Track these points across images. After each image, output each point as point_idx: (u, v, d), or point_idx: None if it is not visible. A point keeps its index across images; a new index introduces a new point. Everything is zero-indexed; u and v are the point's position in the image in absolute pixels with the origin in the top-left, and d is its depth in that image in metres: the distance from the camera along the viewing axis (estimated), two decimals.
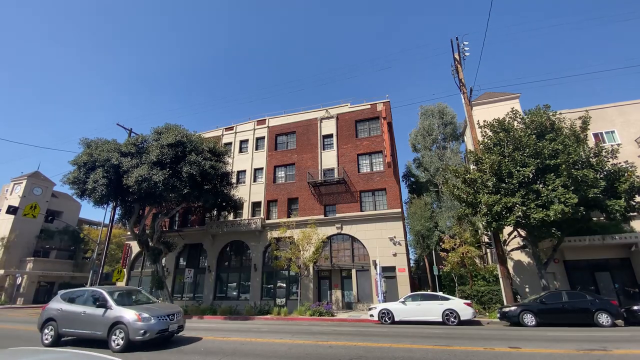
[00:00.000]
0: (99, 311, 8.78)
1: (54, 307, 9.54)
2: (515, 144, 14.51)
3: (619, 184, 13.67)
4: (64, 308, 9.30)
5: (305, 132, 26.67)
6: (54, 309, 9.44)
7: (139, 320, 8.28)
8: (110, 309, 8.70)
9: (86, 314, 8.90)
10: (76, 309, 9.13)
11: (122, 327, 8.29)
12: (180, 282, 25.50)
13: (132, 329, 8.15)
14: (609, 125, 20.19)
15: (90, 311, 8.89)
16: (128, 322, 8.25)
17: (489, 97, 23.56)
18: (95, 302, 9.08)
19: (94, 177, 18.43)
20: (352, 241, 22.07)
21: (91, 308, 8.97)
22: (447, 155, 30.69)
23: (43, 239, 38.13)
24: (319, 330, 12.43)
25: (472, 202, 14.90)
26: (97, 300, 9.14)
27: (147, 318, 8.41)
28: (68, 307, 9.30)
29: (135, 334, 8.12)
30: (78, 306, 9.22)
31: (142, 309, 8.86)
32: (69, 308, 9.26)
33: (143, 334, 8.17)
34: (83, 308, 9.07)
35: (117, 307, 8.76)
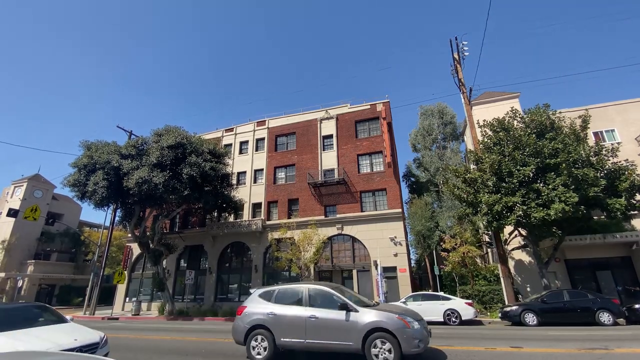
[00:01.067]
0: (340, 314, 6.51)
1: (261, 310, 7.21)
2: (515, 143, 14.51)
3: (620, 182, 13.66)
4: (278, 311, 7.01)
5: (305, 132, 26.69)
6: (262, 313, 7.13)
7: (408, 327, 6.10)
8: (356, 312, 6.47)
9: (319, 318, 6.61)
10: (299, 312, 6.84)
11: (385, 335, 6.08)
12: (181, 284, 25.49)
13: (404, 339, 5.96)
14: (609, 123, 20.18)
15: (324, 314, 6.64)
16: (397, 329, 6.06)
17: (489, 96, 23.57)
18: (330, 303, 6.82)
19: (95, 179, 18.45)
20: (353, 242, 22.06)
21: (324, 310, 6.71)
22: (447, 155, 30.71)
23: (44, 242, 38.13)
24: None
25: (472, 201, 14.89)
26: (329, 300, 6.88)
27: (414, 323, 6.24)
28: (283, 309, 7.04)
29: (410, 345, 5.95)
30: (298, 308, 6.94)
31: (395, 311, 6.61)
32: (286, 311, 6.99)
33: (417, 345, 6.03)
34: (310, 311, 6.77)
35: (362, 308, 6.57)
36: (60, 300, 35.85)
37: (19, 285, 32.73)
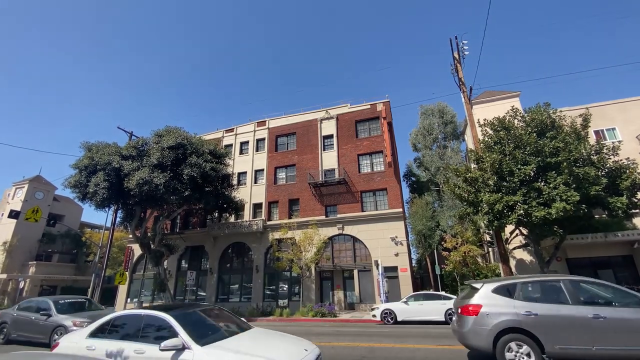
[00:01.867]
0: None
1: (509, 310, 5.94)
2: (515, 142, 14.47)
3: (621, 181, 13.61)
4: (539, 311, 5.74)
5: (305, 133, 26.70)
6: (513, 313, 5.89)
7: None
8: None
9: (608, 319, 5.46)
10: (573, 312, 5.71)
11: None
12: (182, 285, 25.53)
13: None
14: (610, 122, 20.14)
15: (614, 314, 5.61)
16: None
17: (489, 95, 23.53)
18: None
19: (95, 180, 18.47)
20: (354, 241, 22.05)
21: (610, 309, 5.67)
22: (448, 154, 30.68)
23: (45, 243, 38.20)
24: (321, 331, 12.42)
25: (473, 201, 14.85)
26: None
27: None
28: (544, 308, 5.81)
29: None
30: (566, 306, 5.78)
31: None
32: (551, 311, 5.78)
33: None
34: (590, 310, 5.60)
35: None
36: None
37: (21, 287, 32.77)
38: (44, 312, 10.33)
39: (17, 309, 11.29)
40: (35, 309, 10.75)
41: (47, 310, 10.35)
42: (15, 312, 11.18)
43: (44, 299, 11.24)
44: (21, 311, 11.00)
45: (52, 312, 10.24)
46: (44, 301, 11.02)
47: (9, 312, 11.40)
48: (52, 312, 10.24)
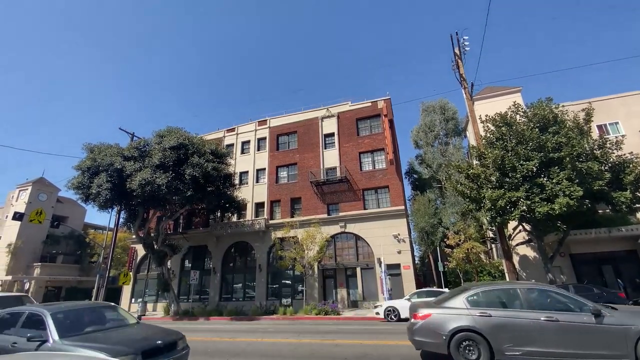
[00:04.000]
0: None
1: None
2: (518, 138, 14.40)
3: (624, 175, 13.53)
4: None
5: (306, 131, 26.67)
6: None
7: None
8: None
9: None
10: None
11: None
12: (186, 284, 25.62)
13: None
14: (613, 116, 20.01)
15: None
16: None
17: (491, 91, 23.42)
18: None
19: (98, 181, 18.56)
20: (356, 239, 22.05)
21: None
22: (450, 151, 30.58)
23: (49, 244, 38.44)
24: (325, 329, 12.45)
25: (475, 197, 14.81)
26: None
27: None
28: None
29: None
30: None
31: None
32: None
33: None
34: None
35: None
36: None
37: (26, 288, 33.03)
38: None
39: None
40: None
41: None
42: None
43: None
44: None
45: None
46: None
47: None
48: None
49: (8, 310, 6.37)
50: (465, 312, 6.11)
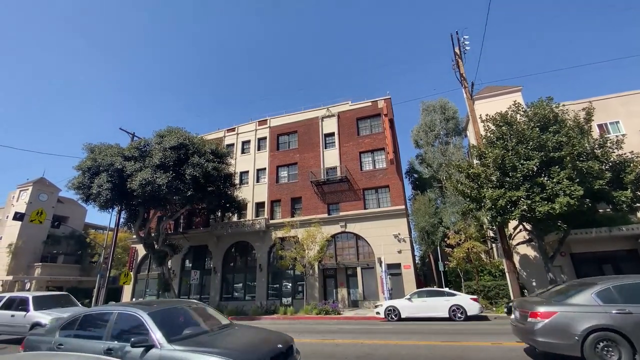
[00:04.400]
0: None
1: None
2: (518, 137, 14.39)
3: (625, 174, 13.51)
4: None
5: (306, 131, 26.67)
6: None
7: None
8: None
9: None
10: None
11: None
12: (186, 284, 25.65)
13: None
14: (613, 115, 19.97)
15: None
16: None
17: (491, 90, 23.39)
18: None
19: (98, 181, 18.57)
20: (357, 239, 22.05)
21: None
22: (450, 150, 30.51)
23: (50, 245, 38.49)
24: (325, 329, 12.46)
25: (476, 197, 14.81)
26: None
27: None
28: None
29: None
30: None
31: None
32: None
33: None
34: None
35: None
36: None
37: (27, 288, 33.09)
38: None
39: None
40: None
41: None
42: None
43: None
44: None
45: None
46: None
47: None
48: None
49: (90, 311, 5.57)
50: (598, 310, 5.59)
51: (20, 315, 10.04)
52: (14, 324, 9.96)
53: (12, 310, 10.28)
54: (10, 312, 10.23)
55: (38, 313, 9.79)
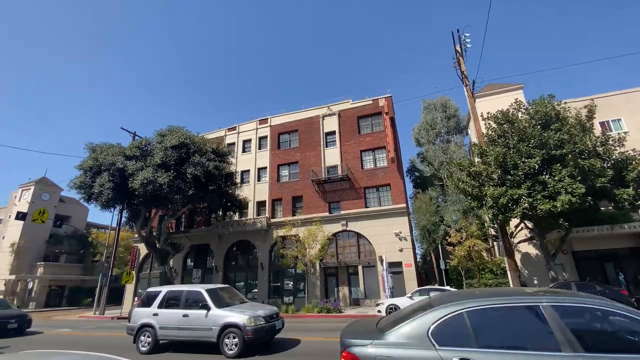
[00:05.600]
0: None
1: None
2: (520, 135, 14.34)
3: (627, 172, 13.47)
4: None
5: (307, 130, 26.65)
6: None
7: None
8: None
9: None
10: None
11: None
12: (188, 283, 25.72)
13: None
14: (616, 113, 19.88)
15: None
16: None
17: (492, 88, 23.30)
18: None
19: (100, 181, 18.61)
20: (358, 238, 22.05)
21: None
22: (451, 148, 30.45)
23: (52, 244, 38.64)
24: (327, 327, 12.47)
25: (477, 195, 14.78)
26: None
27: None
28: None
29: None
30: None
31: None
32: None
33: None
34: None
35: None
36: (70, 301, 36.38)
37: (30, 287, 33.26)
38: None
39: None
40: None
41: None
42: None
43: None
44: None
45: None
46: None
47: None
48: None
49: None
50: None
51: (199, 315, 8.17)
52: (193, 326, 8.15)
53: (180, 308, 8.51)
54: (179, 310, 8.46)
55: (225, 311, 8.12)
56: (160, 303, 8.86)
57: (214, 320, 7.91)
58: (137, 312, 9.06)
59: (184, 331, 8.23)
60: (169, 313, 8.56)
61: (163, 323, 8.47)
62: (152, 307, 8.85)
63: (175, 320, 8.36)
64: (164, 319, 8.52)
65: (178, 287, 9.45)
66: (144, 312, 8.90)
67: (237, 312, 8.00)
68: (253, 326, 7.63)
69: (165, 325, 8.43)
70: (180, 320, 8.27)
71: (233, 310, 8.21)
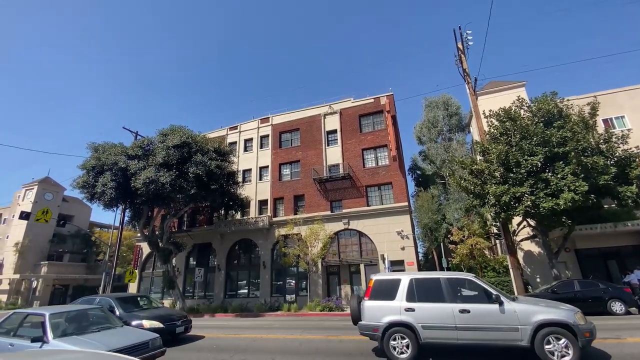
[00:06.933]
0: None
1: None
2: (522, 132, 14.28)
3: (630, 170, 13.40)
4: None
5: (309, 128, 26.64)
6: None
7: None
8: None
9: None
10: None
11: None
12: (191, 282, 25.83)
13: None
14: (619, 110, 19.75)
15: None
16: None
17: (494, 86, 23.21)
18: None
19: (103, 180, 18.69)
20: (360, 236, 22.06)
21: None
22: (453, 146, 30.39)
23: (56, 243, 38.85)
24: (329, 325, 12.51)
25: (479, 193, 14.75)
26: None
27: None
28: None
29: None
30: None
31: None
32: None
33: None
34: None
35: None
36: (73, 300, 36.40)
37: (34, 286, 33.46)
38: None
39: None
40: None
41: None
42: None
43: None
44: None
45: None
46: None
47: None
48: None
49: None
50: None
51: (489, 311, 6.34)
52: (482, 325, 6.30)
53: (446, 301, 6.65)
54: (449, 305, 6.58)
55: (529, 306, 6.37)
56: (409, 295, 6.93)
57: (522, 317, 6.04)
58: (375, 307, 7.08)
59: (466, 332, 6.28)
60: (432, 308, 6.63)
61: (426, 321, 6.56)
62: (397, 300, 6.92)
63: (445, 317, 6.45)
64: (426, 315, 6.61)
65: (427, 275, 7.46)
66: (386, 306, 6.94)
67: None
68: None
69: (431, 324, 6.53)
70: (458, 318, 6.36)
71: None
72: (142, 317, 9.41)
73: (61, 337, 5.94)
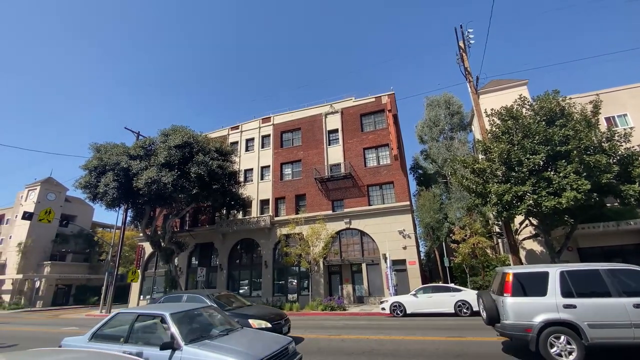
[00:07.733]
0: None
1: None
2: (524, 131, 14.22)
3: (633, 168, 13.31)
4: None
5: (310, 128, 26.64)
6: None
7: None
8: None
9: None
10: None
11: None
12: (193, 281, 25.90)
13: None
14: (621, 108, 19.65)
15: None
16: None
17: (496, 84, 23.13)
18: None
19: (105, 180, 18.77)
20: (361, 235, 22.06)
21: None
22: (455, 145, 30.32)
23: (59, 243, 39.08)
24: (331, 325, 12.52)
25: (481, 192, 14.70)
26: None
27: None
28: None
29: None
30: None
31: None
32: None
33: None
34: None
35: None
36: (76, 299, 36.81)
37: (37, 286, 33.66)
38: None
39: None
40: None
41: None
42: None
43: None
44: None
45: None
46: None
47: None
48: None
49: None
50: None
51: None
52: None
53: (613, 296, 5.92)
54: (620, 300, 5.85)
55: None
56: (564, 289, 6.07)
57: None
58: (524, 304, 6.20)
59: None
60: (599, 304, 5.84)
61: (593, 319, 5.76)
62: (549, 296, 6.08)
63: (617, 313, 5.70)
64: (592, 312, 5.81)
65: (581, 267, 6.54)
66: (538, 303, 6.10)
67: None
68: None
69: (600, 321, 5.74)
70: (633, 314, 5.61)
71: None
72: (249, 316, 7.99)
73: (193, 342, 4.57)
